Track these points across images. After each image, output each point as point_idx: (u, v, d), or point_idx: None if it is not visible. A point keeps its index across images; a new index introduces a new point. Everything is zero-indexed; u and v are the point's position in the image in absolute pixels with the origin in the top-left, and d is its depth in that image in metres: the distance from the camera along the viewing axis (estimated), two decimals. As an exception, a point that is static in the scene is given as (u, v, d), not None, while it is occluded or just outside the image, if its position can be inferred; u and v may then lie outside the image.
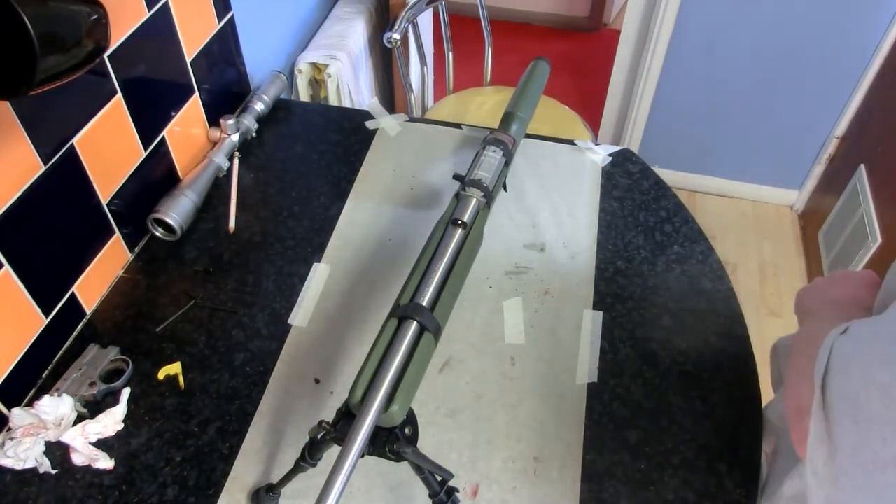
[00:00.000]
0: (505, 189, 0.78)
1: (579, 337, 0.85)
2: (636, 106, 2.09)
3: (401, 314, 0.56)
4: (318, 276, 0.91)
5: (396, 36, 1.38)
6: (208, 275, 0.92)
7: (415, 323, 0.55)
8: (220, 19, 1.06)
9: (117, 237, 0.91)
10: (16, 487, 0.71)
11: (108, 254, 0.89)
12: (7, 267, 0.72)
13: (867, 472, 0.38)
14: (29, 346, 0.77)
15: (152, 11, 0.88)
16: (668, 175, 2.19)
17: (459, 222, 0.65)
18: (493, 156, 0.77)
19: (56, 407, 0.74)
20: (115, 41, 0.82)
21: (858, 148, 1.84)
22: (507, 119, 0.84)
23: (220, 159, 1.04)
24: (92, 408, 0.77)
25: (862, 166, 1.75)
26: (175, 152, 1.00)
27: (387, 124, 1.16)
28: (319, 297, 0.89)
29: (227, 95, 1.14)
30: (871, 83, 1.82)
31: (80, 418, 0.75)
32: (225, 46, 1.09)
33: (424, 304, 0.57)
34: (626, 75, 2.12)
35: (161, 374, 0.80)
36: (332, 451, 0.54)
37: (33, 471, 0.72)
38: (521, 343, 0.84)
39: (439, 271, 0.60)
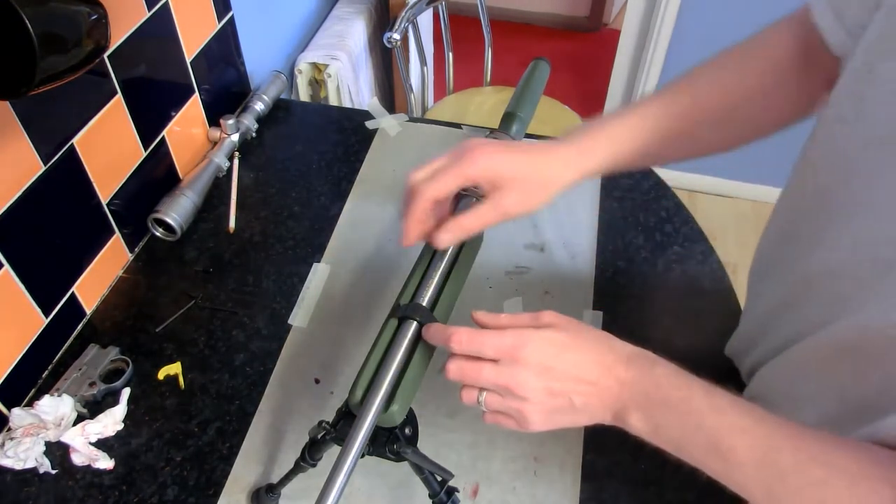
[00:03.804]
0: (505, 189, 0.78)
1: (579, 337, 0.84)
2: (636, 106, 2.09)
3: (401, 314, 0.56)
4: (318, 276, 0.91)
5: (396, 36, 1.38)
6: (208, 275, 0.92)
7: (415, 323, 0.55)
8: (220, 19, 1.06)
9: (117, 237, 0.91)
10: (16, 487, 0.71)
11: (108, 254, 0.89)
12: (7, 267, 0.72)
13: None
14: (29, 346, 0.77)
15: (152, 11, 0.88)
16: (668, 175, 2.18)
17: None
18: None
19: (56, 407, 0.74)
20: (115, 41, 0.82)
21: (858, 148, 1.83)
22: (507, 119, 0.84)
23: (220, 159, 1.04)
24: (92, 408, 0.77)
25: (862, 166, 1.75)
26: (175, 152, 1.00)
27: (387, 124, 1.16)
28: (319, 297, 0.89)
29: (227, 95, 1.14)
30: (871, 83, 1.82)
31: (80, 418, 0.75)
32: (225, 46, 1.09)
33: (425, 303, 0.57)
34: (626, 75, 2.12)
35: (161, 374, 0.80)
36: (332, 451, 0.54)
37: (33, 471, 0.72)
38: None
39: (439, 271, 0.59)
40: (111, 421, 0.75)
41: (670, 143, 0.59)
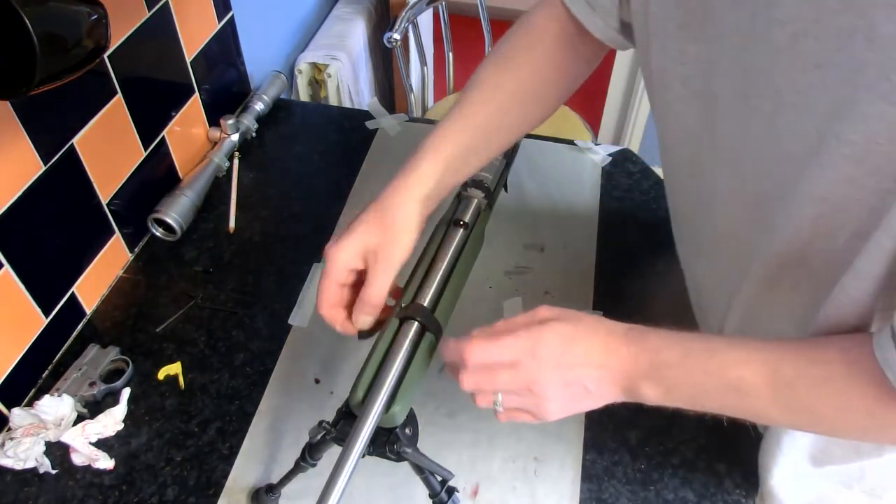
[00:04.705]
0: (506, 190, 0.78)
1: (579, 337, 0.84)
2: (636, 106, 2.09)
3: (402, 314, 0.56)
4: (318, 277, 0.91)
5: (396, 36, 1.38)
6: (208, 275, 0.92)
7: (416, 323, 0.55)
8: (220, 19, 1.06)
9: (117, 237, 0.91)
10: (16, 487, 0.71)
11: (108, 254, 0.89)
12: (7, 267, 0.72)
13: None
14: (29, 346, 0.77)
15: (152, 11, 0.88)
16: (667, 175, 2.18)
17: (461, 223, 0.65)
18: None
19: (56, 407, 0.74)
20: (115, 41, 0.82)
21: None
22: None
23: (220, 159, 1.04)
24: (92, 408, 0.77)
25: (862, 166, 1.75)
26: (175, 152, 1.00)
27: (387, 124, 1.16)
28: (319, 297, 0.89)
29: (227, 95, 1.14)
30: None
31: (80, 418, 0.75)
32: (225, 46, 1.09)
33: (426, 304, 0.57)
34: (626, 75, 2.12)
35: (161, 374, 0.80)
36: (332, 451, 0.54)
37: (33, 471, 0.72)
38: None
39: (440, 272, 0.59)
40: (111, 421, 0.75)
41: (483, 152, 0.64)
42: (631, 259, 0.94)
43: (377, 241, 0.56)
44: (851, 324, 0.47)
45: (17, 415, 0.73)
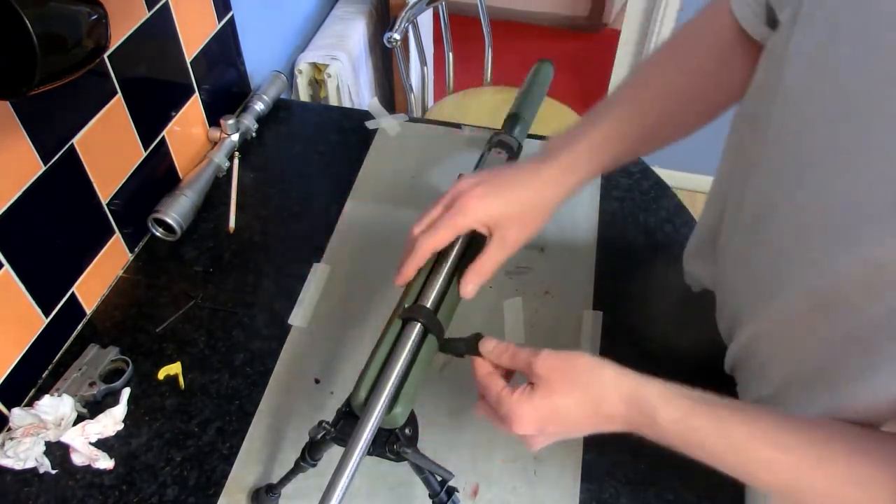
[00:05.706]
0: (506, 190, 0.78)
1: (579, 337, 0.84)
2: (636, 106, 2.08)
3: (405, 315, 0.56)
4: (318, 276, 0.91)
5: (396, 36, 1.38)
6: (208, 275, 0.92)
7: (419, 324, 0.55)
8: (220, 19, 1.06)
9: (117, 237, 0.91)
10: (16, 487, 0.71)
11: (108, 254, 0.89)
12: (7, 267, 0.72)
13: None
14: (29, 346, 0.77)
15: (152, 11, 0.88)
16: (668, 175, 2.18)
17: None
18: (499, 158, 0.76)
19: (56, 407, 0.74)
20: (115, 41, 0.82)
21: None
22: (510, 121, 0.84)
23: (220, 159, 1.04)
24: (92, 408, 0.77)
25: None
26: (175, 152, 1.00)
27: (387, 124, 1.16)
28: (319, 297, 0.89)
29: (227, 95, 1.14)
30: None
31: (80, 418, 0.75)
32: (225, 46, 1.09)
33: (429, 305, 0.57)
34: (626, 75, 2.11)
35: (161, 374, 0.80)
36: (332, 451, 0.54)
37: (33, 471, 0.72)
38: (521, 343, 0.84)
39: (443, 273, 0.59)
40: (111, 421, 0.75)
41: (639, 146, 0.62)
42: (631, 259, 0.94)
43: (516, 218, 0.55)
44: (865, 415, 0.45)
45: (17, 415, 0.73)
